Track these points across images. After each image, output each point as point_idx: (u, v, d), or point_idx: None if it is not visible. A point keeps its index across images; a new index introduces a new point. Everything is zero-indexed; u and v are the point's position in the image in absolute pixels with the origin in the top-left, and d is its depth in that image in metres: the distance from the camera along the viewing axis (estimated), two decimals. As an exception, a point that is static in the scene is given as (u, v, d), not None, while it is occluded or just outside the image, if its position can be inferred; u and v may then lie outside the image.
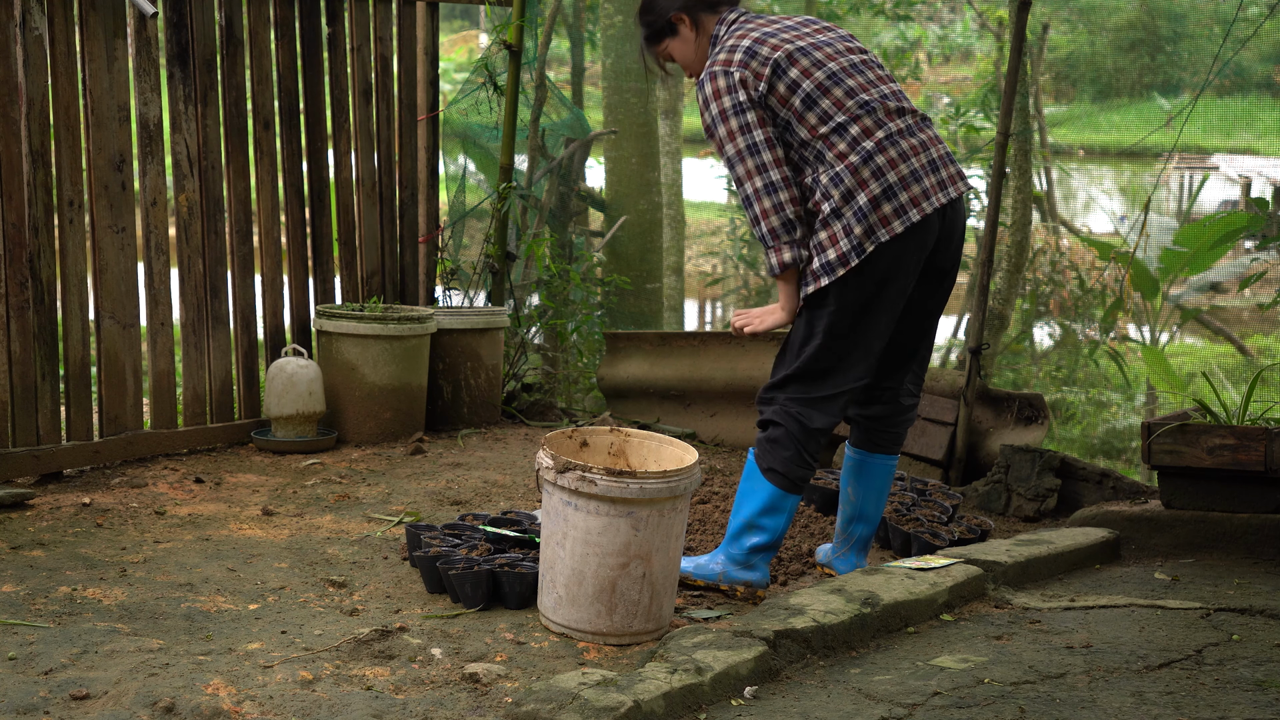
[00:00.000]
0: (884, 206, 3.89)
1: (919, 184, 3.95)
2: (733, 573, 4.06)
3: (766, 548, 4.04)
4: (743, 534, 4.04)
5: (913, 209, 3.92)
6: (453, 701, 3.21)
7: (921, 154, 3.98)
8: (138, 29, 5.21)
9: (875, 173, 3.90)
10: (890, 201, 3.90)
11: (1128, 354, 14.41)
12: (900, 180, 3.92)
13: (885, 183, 3.91)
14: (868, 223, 3.88)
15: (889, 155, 3.92)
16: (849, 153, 3.91)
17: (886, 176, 3.91)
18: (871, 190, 3.89)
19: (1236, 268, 14.24)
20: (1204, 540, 4.59)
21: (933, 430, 5.54)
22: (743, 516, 4.04)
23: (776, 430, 4.00)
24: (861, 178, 3.90)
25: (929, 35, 30.31)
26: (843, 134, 3.92)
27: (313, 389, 5.57)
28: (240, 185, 5.63)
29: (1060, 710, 3.19)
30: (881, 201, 3.89)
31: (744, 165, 3.92)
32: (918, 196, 3.94)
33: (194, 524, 4.59)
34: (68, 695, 3.16)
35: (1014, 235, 10.41)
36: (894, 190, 3.91)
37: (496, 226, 6.47)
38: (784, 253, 3.91)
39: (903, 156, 3.94)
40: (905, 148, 3.95)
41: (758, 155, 3.92)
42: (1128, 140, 25.37)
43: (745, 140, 3.92)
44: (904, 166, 3.94)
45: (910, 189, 3.93)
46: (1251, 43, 19.15)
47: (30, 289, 4.88)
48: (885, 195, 3.90)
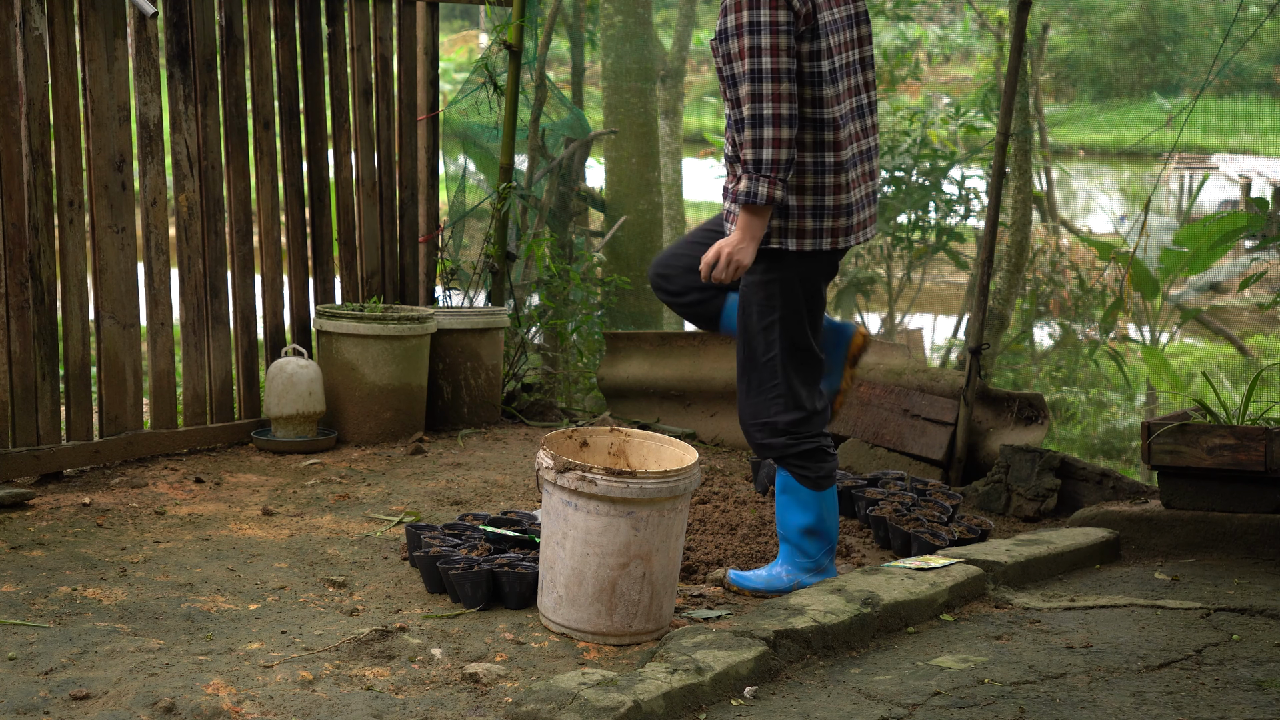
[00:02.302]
0: (844, 218, 3.95)
1: (860, 214, 4.02)
2: (806, 580, 4.09)
3: (830, 549, 4.13)
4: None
5: (845, 236, 3.98)
6: (453, 701, 3.21)
7: (869, 182, 4.06)
8: (138, 29, 5.21)
9: (841, 186, 3.93)
10: (843, 218, 3.95)
11: (1128, 354, 14.41)
12: (850, 205, 3.96)
13: (850, 197, 3.95)
14: (824, 224, 3.93)
15: (853, 174, 3.97)
16: (821, 150, 3.90)
17: (849, 194, 3.95)
18: (842, 199, 3.93)
19: (1236, 268, 14.24)
20: (1204, 540, 4.59)
21: (933, 430, 5.54)
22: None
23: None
24: (839, 181, 3.92)
25: (929, 35, 30.31)
26: (828, 129, 3.89)
27: (313, 389, 5.57)
28: (240, 185, 5.63)
29: (1060, 710, 3.19)
30: (840, 213, 3.94)
31: (770, 85, 3.74)
32: (855, 226, 4.00)
33: (194, 524, 4.59)
34: (68, 695, 3.16)
35: (1014, 235, 10.41)
36: (848, 210, 3.96)
37: (496, 226, 6.47)
38: (776, 189, 3.77)
39: (856, 183, 3.99)
40: (867, 170, 4.03)
41: (788, 83, 3.76)
42: (1128, 140, 25.36)
43: (781, 62, 3.75)
44: (858, 191, 4.00)
45: (854, 216, 3.99)
46: (1251, 43, 19.15)
47: (30, 289, 4.88)
48: (842, 210, 3.94)
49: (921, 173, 13.37)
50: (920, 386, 5.69)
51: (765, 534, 4.60)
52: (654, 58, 12.00)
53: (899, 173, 13.43)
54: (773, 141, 3.75)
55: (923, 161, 13.33)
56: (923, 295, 16.29)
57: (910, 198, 13.36)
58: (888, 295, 14.31)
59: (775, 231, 3.91)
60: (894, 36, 25.21)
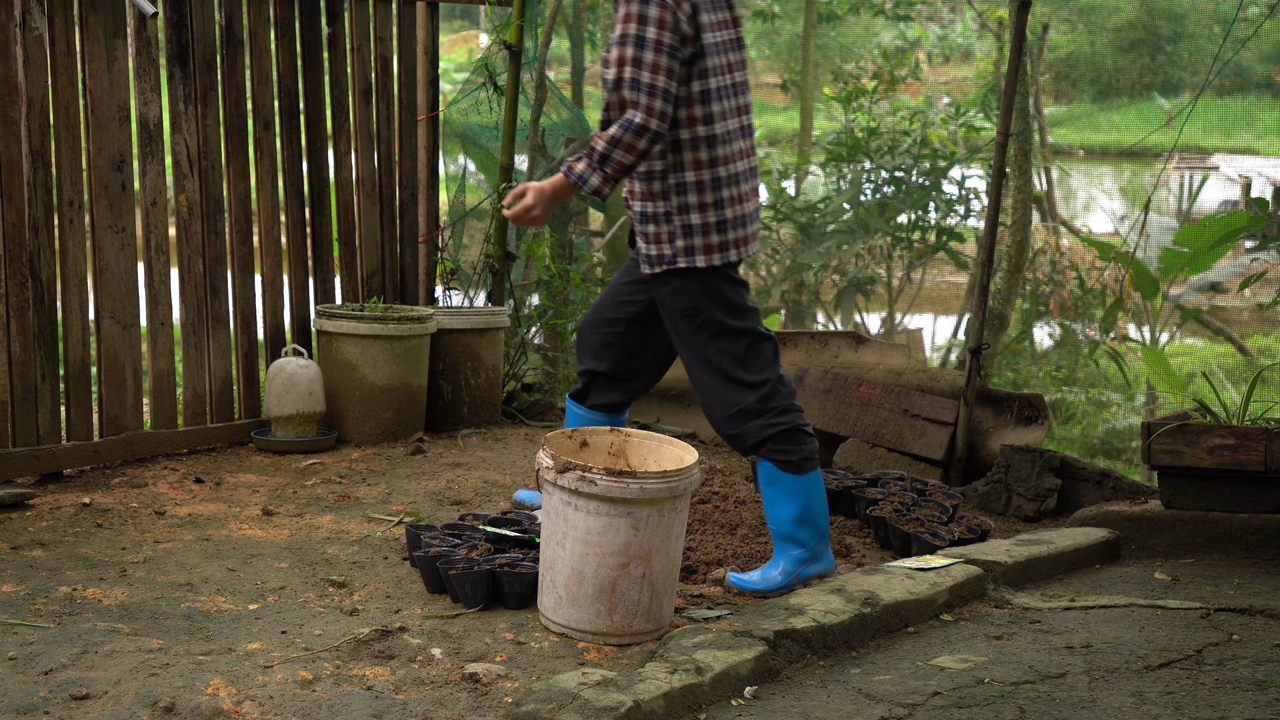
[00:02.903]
0: (736, 231, 4.07)
1: (753, 225, 4.15)
2: (805, 571, 4.12)
3: (823, 534, 4.15)
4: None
5: (745, 246, 4.11)
6: (453, 701, 3.21)
7: (756, 197, 4.19)
8: (138, 29, 5.21)
9: (735, 199, 4.07)
10: (740, 229, 4.08)
11: (1128, 354, 14.42)
12: (744, 216, 4.10)
13: (745, 209, 4.09)
14: (728, 236, 4.06)
15: (741, 189, 4.09)
16: (715, 165, 4.04)
17: (745, 205, 4.09)
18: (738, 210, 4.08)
19: (1236, 268, 14.25)
20: (1204, 540, 4.59)
21: (933, 430, 5.54)
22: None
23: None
24: (734, 194, 4.07)
25: (929, 35, 30.31)
26: (718, 145, 4.03)
27: (313, 389, 5.57)
28: (240, 185, 5.63)
29: (1060, 710, 3.19)
30: (738, 225, 4.07)
31: (651, 100, 3.92)
32: (751, 236, 4.13)
33: (194, 524, 4.59)
34: (68, 695, 3.16)
35: (1014, 235, 10.41)
36: (744, 221, 4.09)
37: (496, 226, 6.47)
38: (607, 186, 3.98)
39: (748, 195, 4.13)
40: (748, 188, 4.14)
41: (661, 101, 3.93)
42: (1128, 140, 25.37)
43: (659, 80, 3.93)
44: (750, 204, 4.13)
45: (749, 227, 4.12)
46: (1251, 43, 19.17)
47: (30, 289, 4.88)
48: (740, 221, 4.08)
49: (921, 173, 13.38)
50: (920, 386, 5.69)
51: (765, 534, 4.60)
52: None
53: (899, 173, 13.43)
54: (628, 146, 3.92)
55: (923, 161, 13.33)
56: (923, 295, 16.29)
57: (910, 198, 13.36)
58: (888, 295, 14.32)
59: (682, 251, 4.06)
60: (894, 36, 25.22)
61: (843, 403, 5.75)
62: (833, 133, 14.90)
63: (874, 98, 14.48)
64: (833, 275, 14.71)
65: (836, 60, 23.25)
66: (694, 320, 4.09)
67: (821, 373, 5.84)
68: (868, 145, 13.48)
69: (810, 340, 6.20)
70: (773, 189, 14.19)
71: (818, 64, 21.02)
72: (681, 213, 4.06)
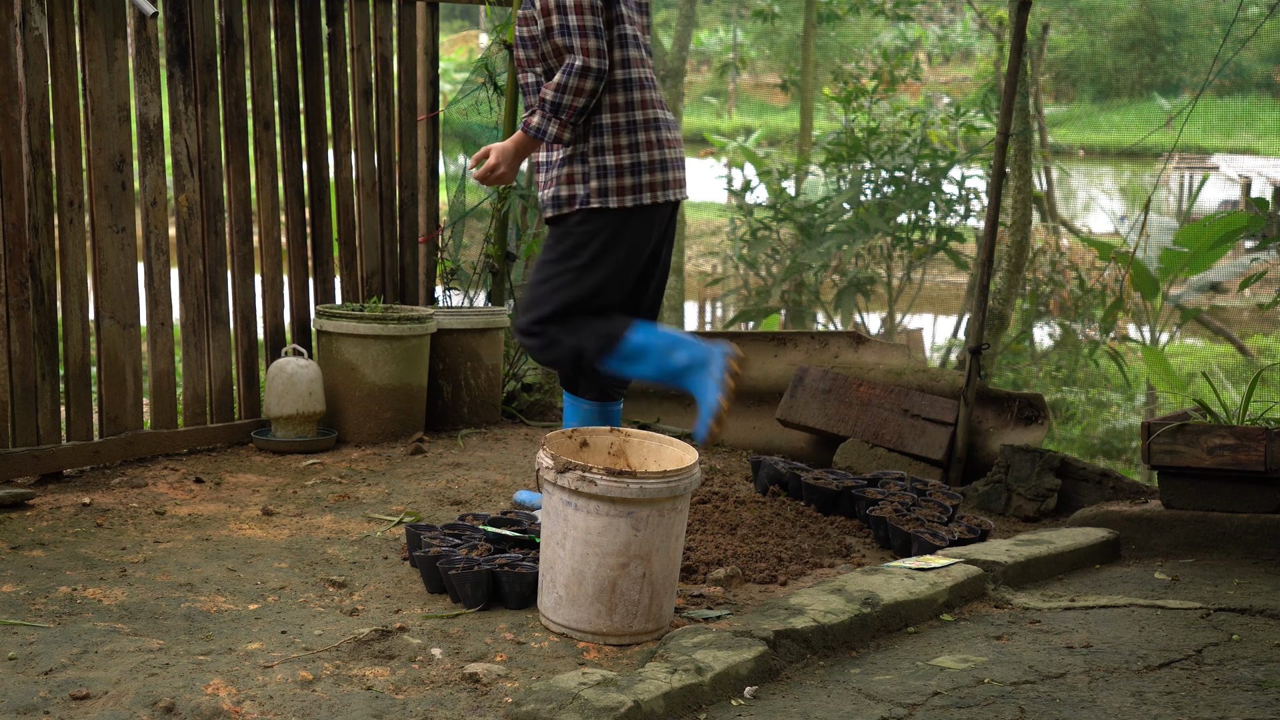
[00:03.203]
0: (653, 175, 4.26)
1: (675, 172, 4.34)
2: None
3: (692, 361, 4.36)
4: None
5: (663, 190, 4.29)
6: (453, 701, 3.21)
7: (678, 148, 4.38)
8: (138, 29, 5.21)
9: (653, 143, 4.26)
10: (659, 173, 4.28)
11: (1128, 354, 14.42)
12: (665, 161, 4.29)
13: (664, 154, 4.29)
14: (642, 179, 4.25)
15: (661, 135, 4.29)
16: (631, 109, 4.25)
17: (664, 151, 4.29)
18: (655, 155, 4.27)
19: (1236, 268, 14.26)
20: (1204, 540, 4.59)
21: (933, 430, 5.54)
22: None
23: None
24: (650, 138, 4.27)
25: (929, 35, 30.32)
26: (634, 89, 4.25)
27: (313, 389, 5.57)
28: (240, 185, 5.63)
29: (1060, 710, 3.19)
30: (654, 169, 4.27)
31: (579, 40, 4.14)
32: (671, 182, 4.32)
33: (194, 524, 4.59)
34: (68, 695, 3.16)
35: (1014, 235, 10.42)
36: (662, 166, 4.29)
37: (496, 226, 6.47)
38: (565, 132, 4.20)
39: (670, 143, 4.33)
40: (670, 136, 4.34)
41: (599, 39, 4.16)
42: (1128, 140, 25.38)
43: (587, 20, 4.15)
44: (670, 151, 4.32)
45: (669, 173, 4.31)
46: (1251, 43, 19.17)
47: (30, 289, 4.88)
48: (655, 166, 4.27)
49: (921, 173, 13.38)
50: (920, 386, 5.69)
51: (765, 534, 4.61)
52: (654, 57, 12.00)
53: (899, 173, 13.44)
54: (575, 90, 4.14)
55: (923, 161, 13.34)
56: (923, 295, 16.30)
57: (910, 198, 13.36)
58: (888, 295, 14.33)
59: (595, 192, 4.24)
60: (894, 36, 25.23)
61: (843, 403, 5.76)
62: (833, 133, 14.90)
63: (874, 98, 14.49)
64: (833, 275, 14.72)
65: (836, 60, 23.26)
66: (572, 261, 4.27)
67: (821, 373, 5.84)
68: (868, 145, 13.49)
69: (810, 340, 6.21)
70: (773, 189, 14.19)
71: (818, 64, 21.03)
72: (597, 154, 4.23)
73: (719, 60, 29.16)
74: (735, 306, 16.49)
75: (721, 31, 33.66)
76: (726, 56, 29.09)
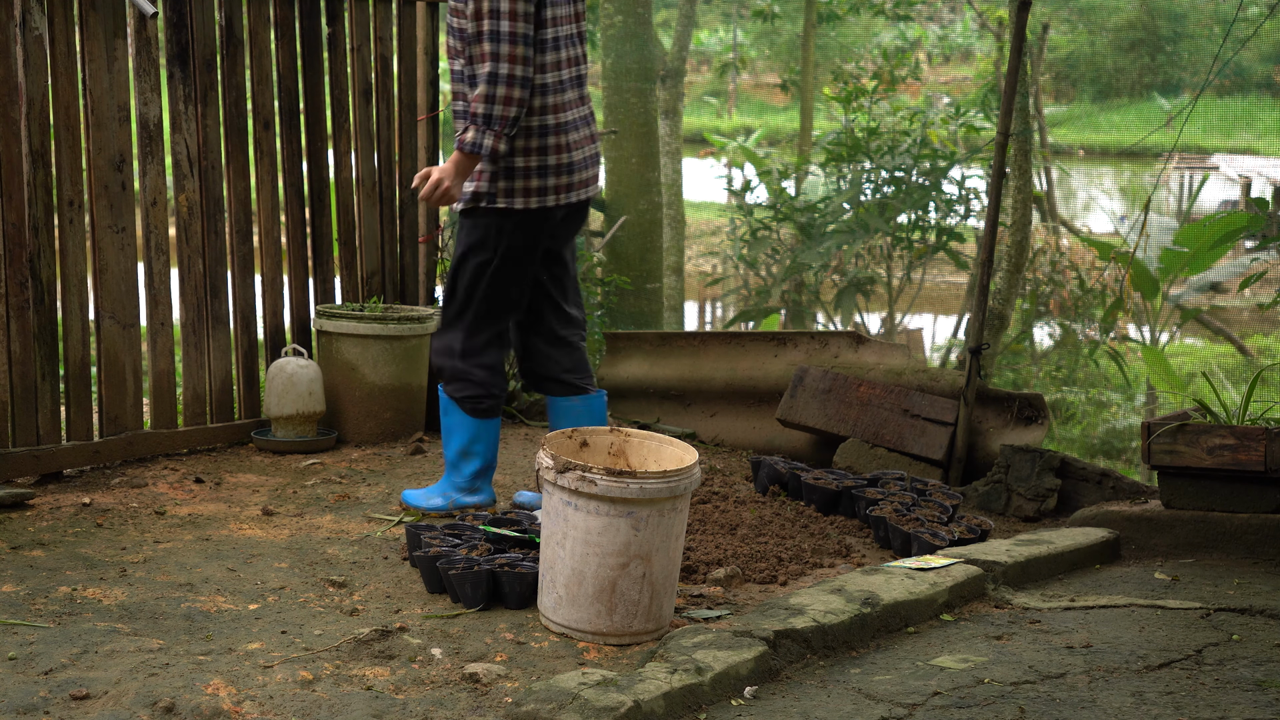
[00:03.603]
0: (558, 178, 4.36)
1: (583, 173, 4.43)
2: (462, 499, 4.63)
3: (485, 470, 4.63)
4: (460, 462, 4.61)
5: (570, 193, 4.41)
6: (453, 701, 3.21)
7: (589, 146, 4.46)
8: (138, 29, 5.21)
9: (561, 147, 4.35)
10: (564, 176, 4.37)
11: (1128, 354, 14.42)
12: (571, 164, 4.38)
13: (571, 156, 4.37)
14: (547, 182, 4.36)
15: (569, 138, 4.37)
16: (544, 113, 4.32)
17: (570, 154, 4.37)
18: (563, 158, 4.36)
19: (1236, 268, 14.27)
20: (1204, 540, 4.59)
21: (933, 430, 5.54)
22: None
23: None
24: (559, 142, 4.35)
25: (929, 35, 30.32)
26: (550, 93, 4.32)
27: (313, 389, 5.57)
28: (240, 185, 5.63)
29: (1060, 710, 3.19)
30: (560, 172, 4.36)
31: (511, 48, 4.18)
32: (576, 184, 4.42)
33: (194, 524, 4.59)
34: (68, 695, 3.16)
35: (1014, 235, 10.41)
36: (569, 169, 4.37)
37: (496, 226, 6.47)
38: (500, 143, 4.24)
39: (579, 144, 4.40)
40: (580, 137, 4.41)
41: (527, 47, 4.20)
42: (1128, 140, 25.38)
43: (522, 27, 4.19)
44: (579, 153, 4.41)
45: (575, 175, 4.40)
46: (1251, 43, 19.18)
47: (30, 289, 4.88)
48: (562, 169, 4.36)
49: (921, 173, 13.38)
50: (920, 386, 5.69)
51: (765, 534, 4.61)
52: (654, 58, 12.00)
53: (899, 173, 13.43)
54: (504, 100, 4.19)
55: (923, 161, 13.33)
56: (923, 295, 16.30)
57: (910, 198, 13.36)
58: (888, 295, 14.32)
59: (502, 191, 4.36)
60: (894, 36, 25.23)
61: (843, 403, 5.76)
62: (833, 133, 14.90)
63: (874, 98, 14.49)
64: (833, 275, 14.72)
65: (836, 60, 23.27)
66: (475, 257, 4.41)
67: (821, 373, 5.84)
68: (868, 145, 13.48)
69: (810, 340, 6.21)
70: (773, 189, 14.19)
71: (818, 64, 21.03)
72: (506, 155, 4.32)
73: (719, 60, 29.17)
74: (735, 306, 16.49)
75: (721, 31, 33.67)
76: (726, 56, 29.10)
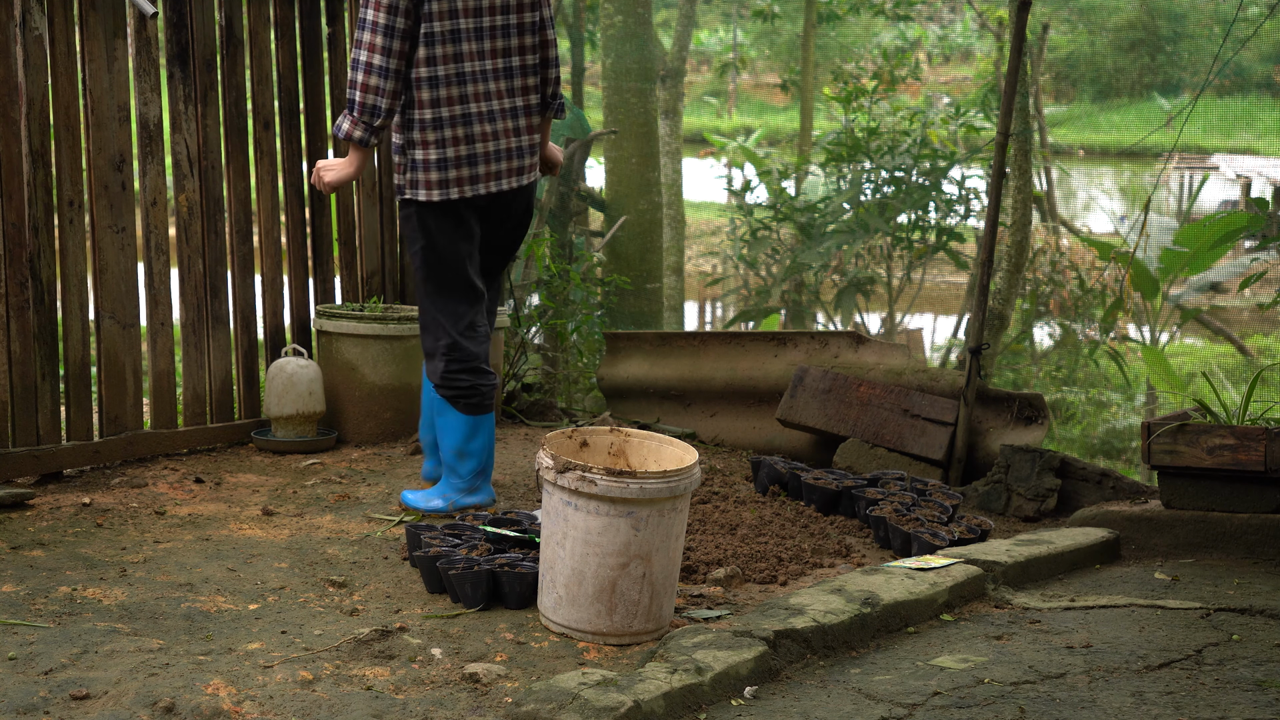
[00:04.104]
0: (459, 170, 4.42)
1: (495, 164, 4.46)
2: (462, 500, 4.63)
3: (483, 470, 4.64)
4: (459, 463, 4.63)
5: (485, 183, 4.45)
6: (453, 701, 3.21)
7: (506, 139, 4.49)
8: (138, 29, 5.21)
9: (461, 139, 4.40)
10: (466, 168, 4.42)
11: (1128, 354, 14.42)
12: (475, 156, 4.42)
13: (475, 149, 4.42)
14: (449, 175, 4.42)
15: (474, 129, 4.42)
16: (438, 106, 4.39)
17: (473, 146, 4.42)
18: (462, 151, 4.41)
19: (1236, 268, 14.26)
20: (1204, 540, 4.59)
21: (932, 430, 5.54)
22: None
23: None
24: (457, 134, 4.41)
25: (929, 35, 30.33)
26: (442, 86, 4.38)
27: (313, 389, 5.57)
28: (240, 185, 5.63)
29: (1060, 710, 3.19)
30: (460, 164, 4.41)
31: (372, 37, 4.31)
32: (485, 175, 4.45)
33: (194, 524, 4.59)
34: (68, 695, 3.16)
35: (1014, 235, 10.41)
36: (471, 161, 4.42)
37: (496, 226, 6.47)
38: (356, 130, 4.38)
39: (490, 136, 4.45)
40: (493, 129, 4.45)
41: (389, 38, 4.31)
42: (1128, 140, 25.38)
43: (385, 18, 4.30)
44: (491, 144, 4.45)
45: (483, 166, 4.44)
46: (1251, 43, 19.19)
47: (30, 289, 4.88)
48: (464, 162, 4.42)
49: (921, 173, 13.38)
50: (920, 386, 5.69)
51: (765, 534, 4.61)
52: (654, 58, 12.00)
53: (899, 173, 13.43)
54: (362, 87, 4.32)
55: (923, 161, 13.33)
56: (923, 295, 16.30)
57: (910, 198, 13.36)
58: (888, 295, 14.32)
59: (409, 184, 4.47)
60: (894, 36, 25.24)
61: (843, 403, 5.76)
62: (833, 133, 14.90)
63: (874, 98, 14.48)
64: (833, 275, 14.72)
65: (836, 60, 23.27)
66: (413, 247, 4.53)
67: (821, 373, 5.84)
68: (868, 145, 13.48)
69: (810, 340, 6.21)
70: (773, 189, 14.20)
71: (818, 64, 21.04)
72: (409, 148, 4.44)
73: (719, 60, 29.17)
74: (735, 306, 16.49)
75: (721, 31, 33.67)
76: (726, 56, 29.10)
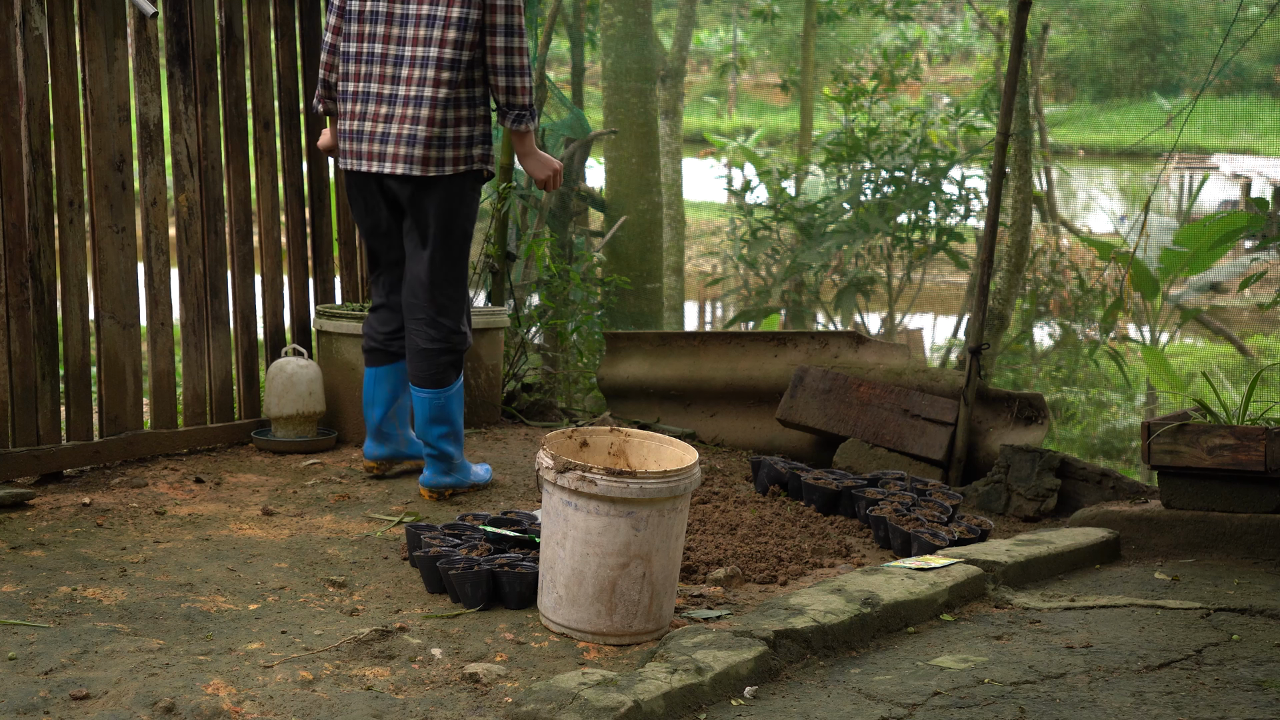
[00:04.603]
0: (346, 143, 4.78)
1: (369, 145, 4.72)
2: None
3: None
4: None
5: (349, 159, 4.79)
6: (453, 701, 3.21)
7: (382, 123, 4.71)
8: (138, 29, 5.21)
9: (348, 114, 4.76)
10: (350, 143, 4.76)
11: (1128, 354, 14.42)
12: (355, 133, 4.74)
13: (346, 126, 4.76)
14: (342, 145, 4.81)
15: (354, 108, 4.73)
16: (346, 80, 4.77)
17: (352, 123, 4.75)
18: (341, 125, 4.80)
19: (1236, 268, 14.26)
20: (1204, 540, 4.59)
21: (933, 430, 5.54)
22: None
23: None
24: (343, 109, 4.79)
25: (929, 35, 30.32)
26: (347, 62, 4.75)
27: (313, 389, 5.57)
28: (240, 185, 5.63)
29: (1060, 710, 3.19)
30: (343, 138, 4.79)
31: (327, 17, 4.83)
32: (362, 153, 4.74)
33: (194, 524, 4.59)
34: (68, 695, 3.16)
35: (1014, 235, 10.41)
36: (355, 136, 4.74)
37: (496, 226, 6.47)
38: (319, 104, 4.90)
39: (365, 117, 4.72)
40: (370, 110, 4.72)
41: (329, 15, 4.81)
42: (1128, 140, 25.38)
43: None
44: (367, 125, 4.73)
45: (359, 144, 4.73)
46: (1251, 43, 19.18)
47: (30, 289, 4.88)
48: (345, 136, 4.78)
49: (921, 173, 13.38)
50: (920, 386, 5.69)
51: (765, 534, 4.61)
52: (654, 58, 12.00)
53: (899, 173, 13.44)
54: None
55: (923, 161, 13.33)
56: (923, 295, 16.30)
57: (910, 198, 13.36)
58: (888, 295, 14.32)
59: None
60: (894, 36, 25.23)
61: (843, 403, 5.76)
62: (833, 133, 14.90)
63: (874, 98, 14.48)
64: (833, 275, 14.72)
65: (836, 60, 23.26)
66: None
67: (821, 373, 5.84)
68: (868, 145, 13.48)
69: (810, 340, 6.21)
70: (773, 189, 14.20)
71: (818, 64, 21.02)
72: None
73: (719, 60, 29.16)
74: (735, 306, 16.49)
75: (721, 31, 33.66)
76: (726, 56, 29.09)
